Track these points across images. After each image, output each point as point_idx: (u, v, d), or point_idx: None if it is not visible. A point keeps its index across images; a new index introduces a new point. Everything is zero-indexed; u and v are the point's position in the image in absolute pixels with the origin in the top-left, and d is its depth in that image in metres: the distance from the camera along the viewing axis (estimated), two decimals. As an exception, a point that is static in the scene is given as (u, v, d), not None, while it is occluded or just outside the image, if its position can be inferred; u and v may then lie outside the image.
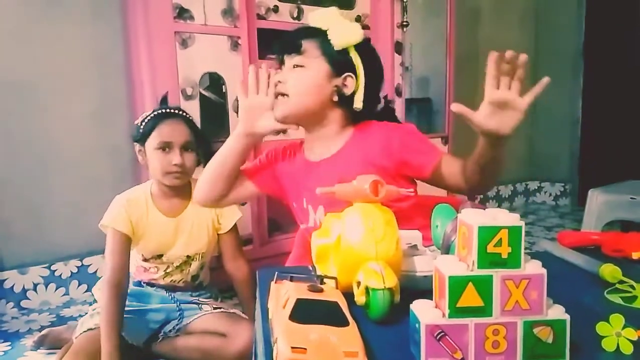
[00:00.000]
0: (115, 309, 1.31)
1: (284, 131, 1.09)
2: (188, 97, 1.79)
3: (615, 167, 2.94)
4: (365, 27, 2.22)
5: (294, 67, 1.04)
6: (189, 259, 1.49)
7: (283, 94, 1.04)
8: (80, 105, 1.97)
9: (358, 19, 2.19)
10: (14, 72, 1.84)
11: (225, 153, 1.09)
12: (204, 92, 1.86)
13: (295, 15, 2.00)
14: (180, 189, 1.45)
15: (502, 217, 0.52)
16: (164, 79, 1.76)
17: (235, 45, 1.87)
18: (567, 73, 3.42)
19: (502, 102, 0.80)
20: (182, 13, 1.75)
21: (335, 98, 1.04)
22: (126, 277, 1.38)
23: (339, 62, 1.04)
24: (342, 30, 1.03)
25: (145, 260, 1.47)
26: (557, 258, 0.84)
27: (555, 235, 2.77)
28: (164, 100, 1.75)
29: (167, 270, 1.48)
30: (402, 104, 2.39)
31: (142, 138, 1.42)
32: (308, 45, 1.03)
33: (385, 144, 1.02)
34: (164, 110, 1.44)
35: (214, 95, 1.91)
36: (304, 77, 1.04)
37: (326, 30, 1.03)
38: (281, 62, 1.08)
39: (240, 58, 1.89)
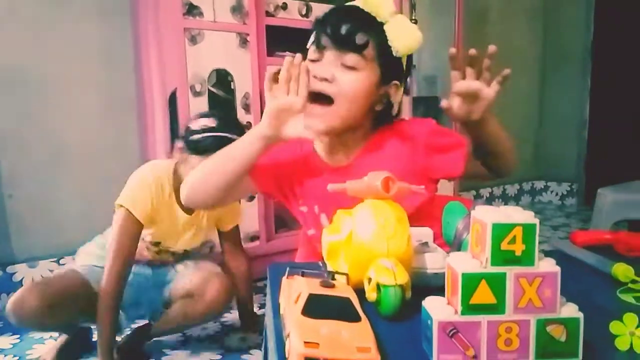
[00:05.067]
0: (116, 293, 1.31)
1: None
2: (197, 94, 1.80)
3: (622, 167, 2.92)
4: (373, 24, 2.22)
5: (345, 67, 0.89)
6: (185, 252, 1.52)
7: (326, 97, 0.88)
8: (90, 101, 1.98)
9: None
10: (25, 70, 1.85)
11: (236, 156, 0.92)
12: (212, 89, 1.87)
13: (304, 12, 2.00)
14: None
15: (517, 214, 0.52)
16: (173, 75, 1.77)
17: (244, 42, 1.88)
18: (575, 72, 3.40)
19: (468, 93, 0.82)
20: (191, 9, 1.76)
21: (379, 107, 0.95)
22: (131, 262, 1.35)
23: (390, 69, 0.92)
24: (406, 35, 0.90)
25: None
26: (570, 257, 0.83)
27: (561, 234, 2.77)
28: (173, 97, 1.76)
29: (159, 254, 1.49)
30: (410, 103, 2.38)
31: (192, 148, 1.34)
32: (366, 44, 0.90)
33: (409, 150, 0.94)
34: (226, 135, 1.31)
35: (222, 91, 1.91)
36: (358, 82, 0.89)
37: (382, 24, 0.90)
38: (321, 50, 0.90)
39: (249, 55, 1.89)
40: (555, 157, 3.54)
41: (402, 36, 0.90)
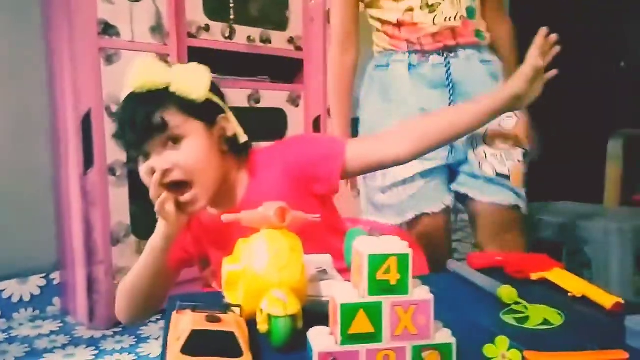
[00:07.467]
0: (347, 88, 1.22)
1: None
2: (113, 114, 1.74)
3: (540, 188, 3.10)
4: (298, 48, 2.25)
5: (172, 143, 0.83)
6: None
7: (182, 182, 0.83)
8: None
9: (291, 41, 2.22)
10: None
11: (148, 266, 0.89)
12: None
13: (227, 34, 2.00)
14: None
15: (392, 245, 0.54)
16: (87, 95, 1.71)
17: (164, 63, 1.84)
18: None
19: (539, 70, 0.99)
20: (107, 29, 1.71)
21: (226, 147, 0.90)
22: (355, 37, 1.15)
23: (204, 112, 0.87)
24: (193, 79, 0.85)
25: None
26: (463, 279, 0.87)
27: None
28: (87, 118, 1.69)
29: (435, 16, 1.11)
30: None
31: None
32: (167, 114, 0.83)
33: (284, 171, 0.91)
34: None
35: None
36: (192, 148, 0.84)
37: (166, 89, 0.84)
38: (145, 154, 0.84)
39: (170, 76, 1.86)
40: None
41: (193, 84, 0.85)
